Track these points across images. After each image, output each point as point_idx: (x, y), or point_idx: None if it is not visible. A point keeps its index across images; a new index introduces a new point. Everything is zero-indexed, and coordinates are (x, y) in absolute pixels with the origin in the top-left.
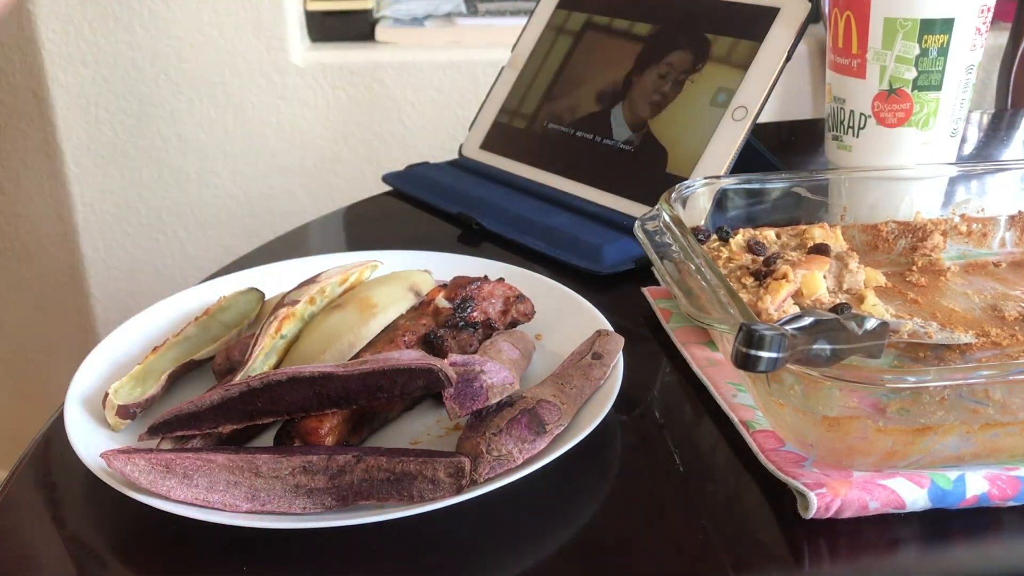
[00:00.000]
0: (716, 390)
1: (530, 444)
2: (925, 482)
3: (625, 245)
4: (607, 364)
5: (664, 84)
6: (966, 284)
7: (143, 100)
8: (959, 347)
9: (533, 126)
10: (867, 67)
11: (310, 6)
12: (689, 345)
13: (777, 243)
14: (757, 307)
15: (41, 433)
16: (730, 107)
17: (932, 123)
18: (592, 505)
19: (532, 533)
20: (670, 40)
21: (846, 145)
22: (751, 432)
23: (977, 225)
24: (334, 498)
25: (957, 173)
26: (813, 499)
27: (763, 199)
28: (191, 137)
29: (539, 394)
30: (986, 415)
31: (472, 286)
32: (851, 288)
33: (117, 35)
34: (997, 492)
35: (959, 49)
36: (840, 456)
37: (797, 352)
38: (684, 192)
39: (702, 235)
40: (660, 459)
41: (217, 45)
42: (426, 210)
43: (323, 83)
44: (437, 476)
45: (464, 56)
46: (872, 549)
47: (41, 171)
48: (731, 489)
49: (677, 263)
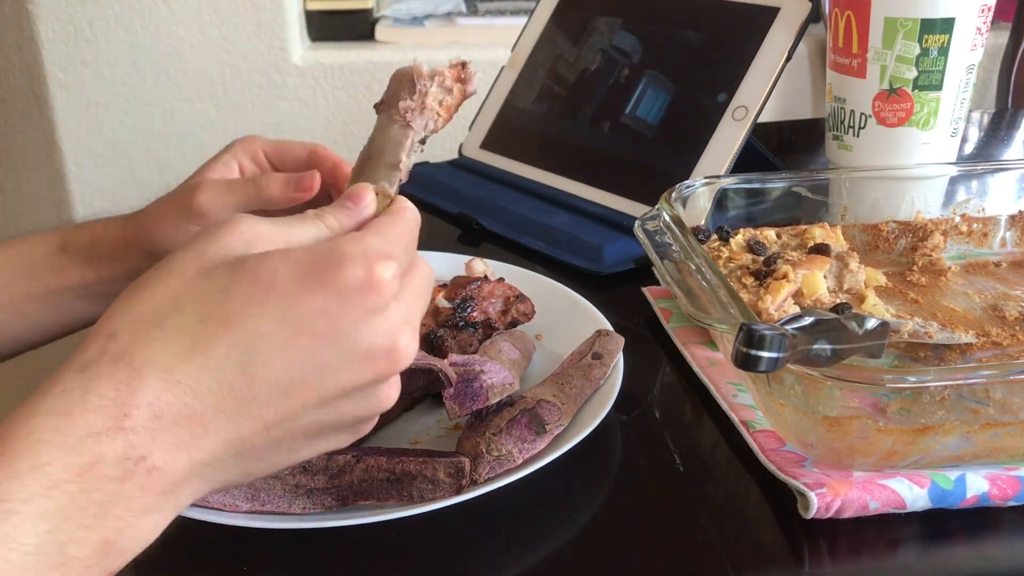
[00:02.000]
0: (716, 390)
1: (530, 444)
2: (925, 482)
3: (625, 245)
4: (607, 364)
5: (664, 83)
6: (967, 284)
7: (143, 100)
8: (959, 347)
9: (533, 126)
10: (867, 67)
11: (310, 6)
12: (689, 345)
13: (777, 243)
14: (757, 307)
15: None
16: (730, 107)
17: (932, 123)
18: (592, 505)
19: (532, 533)
20: (670, 39)
21: (846, 145)
22: (751, 432)
23: (978, 225)
24: (334, 498)
25: (957, 173)
26: (813, 499)
27: (763, 199)
28: (191, 137)
29: (539, 394)
30: (986, 415)
31: (472, 286)
32: (851, 288)
33: (117, 35)
34: (997, 492)
35: (959, 49)
36: (840, 456)
37: (797, 352)
38: (684, 192)
39: (702, 235)
40: (660, 459)
41: (217, 45)
42: (426, 210)
43: (323, 83)
44: (437, 476)
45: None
46: (872, 549)
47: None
48: (731, 489)
49: (677, 263)
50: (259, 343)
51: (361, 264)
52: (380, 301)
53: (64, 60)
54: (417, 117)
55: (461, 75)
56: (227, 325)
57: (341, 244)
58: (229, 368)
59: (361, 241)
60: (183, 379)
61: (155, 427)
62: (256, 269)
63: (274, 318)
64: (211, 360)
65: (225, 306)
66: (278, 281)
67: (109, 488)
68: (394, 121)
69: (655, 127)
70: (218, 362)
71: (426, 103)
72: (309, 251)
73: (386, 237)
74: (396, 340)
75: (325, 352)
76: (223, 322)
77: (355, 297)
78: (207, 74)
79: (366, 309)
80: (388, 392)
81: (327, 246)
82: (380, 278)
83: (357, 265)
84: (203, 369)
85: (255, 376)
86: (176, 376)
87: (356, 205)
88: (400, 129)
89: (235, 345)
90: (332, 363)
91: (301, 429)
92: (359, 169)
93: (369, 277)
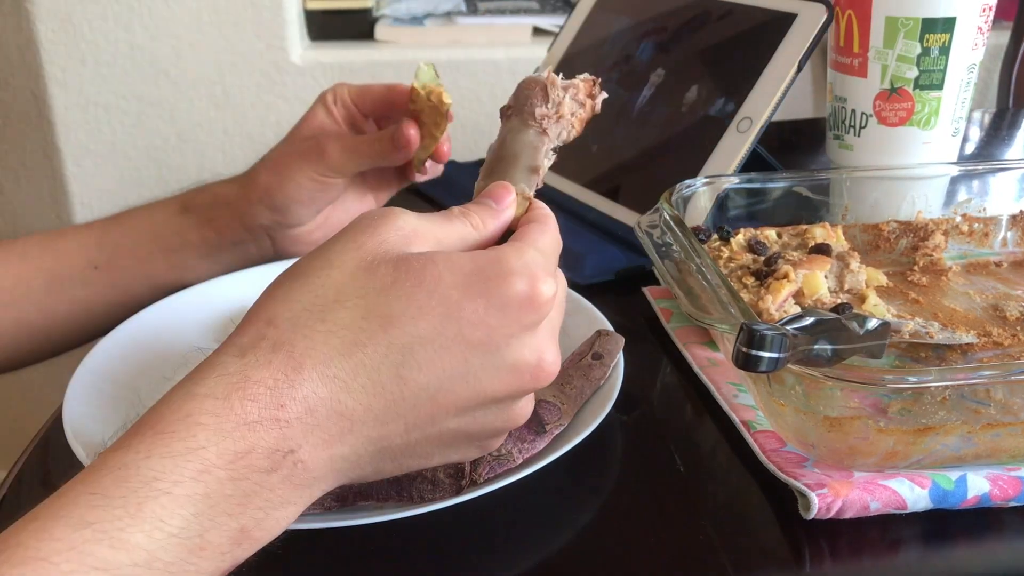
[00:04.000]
0: (717, 390)
1: (530, 444)
2: (926, 482)
3: (610, 255)
4: (607, 364)
5: (674, 91)
6: (968, 284)
7: (143, 100)
8: (961, 347)
9: None
10: (868, 66)
11: (309, 5)
12: (690, 345)
13: (778, 243)
14: (758, 307)
15: (41, 433)
16: (736, 117)
17: (934, 122)
18: (592, 505)
19: (532, 533)
20: (685, 47)
21: (847, 144)
22: (752, 432)
23: (979, 225)
24: (334, 498)
25: (959, 172)
26: (814, 499)
27: (764, 198)
28: (191, 137)
29: (539, 394)
30: (988, 415)
31: None
32: (852, 288)
33: (117, 35)
34: (998, 492)
35: (961, 48)
36: (841, 456)
37: (798, 352)
38: (685, 192)
39: (703, 235)
40: (660, 459)
41: (217, 45)
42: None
43: (323, 82)
44: (437, 476)
45: (464, 55)
46: (873, 550)
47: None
48: (732, 489)
49: (678, 263)
50: (416, 346)
51: (525, 280)
52: (536, 318)
53: (64, 60)
54: (553, 125)
55: (592, 90)
56: (387, 324)
57: (505, 256)
58: (385, 368)
59: (524, 255)
60: (340, 374)
61: (308, 421)
62: (421, 271)
63: (434, 322)
64: (368, 358)
65: (387, 305)
66: (441, 286)
67: (256, 478)
68: (529, 127)
69: (661, 135)
70: (375, 361)
71: (562, 112)
72: (473, 259)
73: (544, 253)
74: (543, 356)
75: (476, 361)
76: (384, 321)
77: (515, 311)
78: (207, 74)
79: (522, 324)
80: (524, 407)
81: (492, 256)
82: (542, 296)
83: (522, 280)
84: (360, 366)
85: (408, 378)
86: (333, 371)
87: (499, 204)
88: (536, 135)
89: (393, 345)
90: (480, 373)
91: (438, 435)
92: (489, 169)
93: (531, 293)
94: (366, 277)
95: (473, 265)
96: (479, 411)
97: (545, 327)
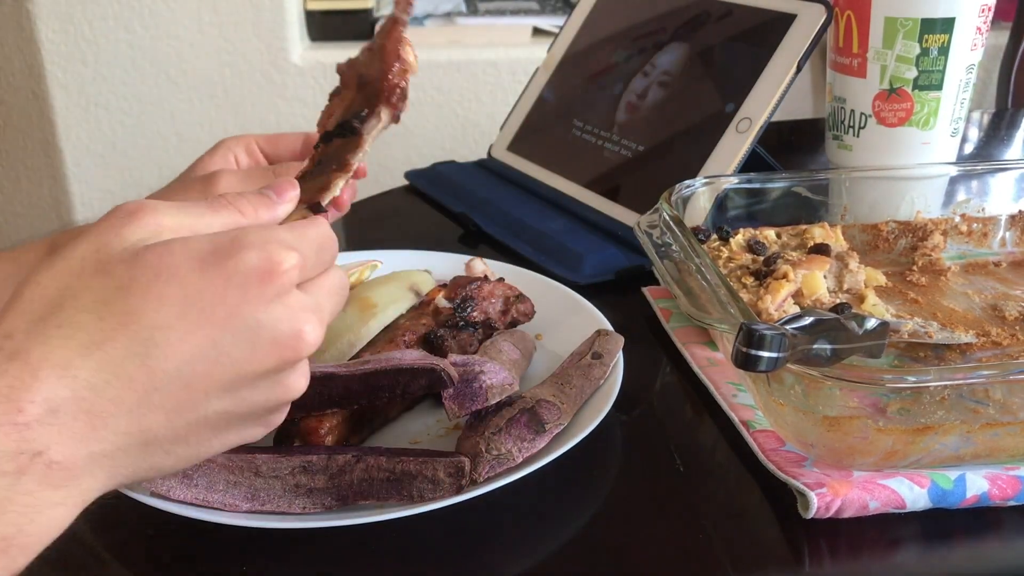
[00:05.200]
0: (716, 390)
1: (529, 443)
2: (925, 482)
3: (609, 255)
4: (607, 364)
5: (675, 91)
6: (966, 284)
7: (143, 100)
8: (959, 347)
9: (555, 130)
10: (868, 66)
11: (310, 5)
12: (689, 345)
13: (777, 243)
14: (757, 307)
15: None
16: (736, 118)
17: (932, 123)
18: (592, 505)
19: (532, 533)
20: (685, 48)
21: (846, 145)
22: (751, 432)
23: (977, 225)
24: (334, 498)
25: (957, 173)
26: (813, 499)
27: (763, 199)
28: (191, 137)
29: (539, 394)
30: (986, 415)
31: (472, 286)
32: (851, 288)
33: (117, 35)
34: (997, 492)
35: (960, 48)
36: (840, 456)
37: (797, 352)
38: (684, 192)
39: (702, 235)
40: (660, 459)
41: (217, 45)
42: (432, 208)
43: (322, 82)
44: (437, 476)
45: (464, 55)
46: (872, 549)
47: (41, 171)
48: (731, 489)
49: (677, 263)
50: (158, 335)
51: (258, 251)
52: (279, 287)
53: (64, 60)
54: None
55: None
56: (127, 320)
57: (244, 232)
58: (129, 361)
59: (266, 232)
60: (81, 373)
61: (51, 422)
62: (157, 263)
63: (173, 308)
64: (109, 354)
65: (124, 302)
66: (177, 270)
67: (4, 483)
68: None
69: (661, 135)
70: (117, 356)
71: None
72: (210, 239)
73: (296, 232)
74: (300, 327)
75: (226, 340)
76: (124, 318)
77: (255, 285)
78: (207, 74)
79: (265, 297)
80: (296, 380)
81: (230, 234)
82: (278, 264)
83: (255, 252)
84: (102, 363)
85: (155, 368)
86: (73, 371)
87: (278, 197)
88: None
89: (135, 339)
90: (233, 351)
91: (206, 420)
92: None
93: (267, 265)
94: (104, 278)
95: (211, 245)
96: (244, 389)
97: (299, 298)
